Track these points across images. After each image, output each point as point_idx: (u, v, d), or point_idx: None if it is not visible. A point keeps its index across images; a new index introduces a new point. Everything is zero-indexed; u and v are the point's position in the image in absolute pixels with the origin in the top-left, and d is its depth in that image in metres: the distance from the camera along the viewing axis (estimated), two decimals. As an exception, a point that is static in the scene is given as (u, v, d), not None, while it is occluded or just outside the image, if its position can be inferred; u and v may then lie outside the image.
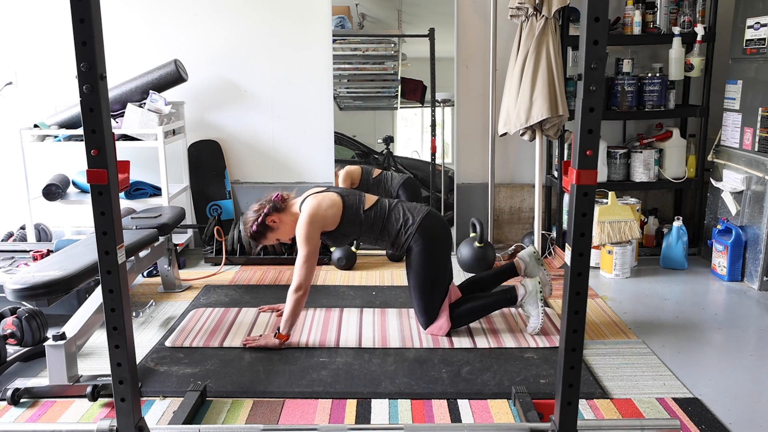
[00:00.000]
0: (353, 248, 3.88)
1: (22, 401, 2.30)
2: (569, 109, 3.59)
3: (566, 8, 3.69)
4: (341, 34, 4.08)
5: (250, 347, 2.70)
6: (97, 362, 2.61)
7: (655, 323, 2.98)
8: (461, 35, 4.07)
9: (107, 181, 1.64)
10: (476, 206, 4.22)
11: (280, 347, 2.69)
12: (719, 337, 2.83)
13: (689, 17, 3.73)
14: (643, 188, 3.97)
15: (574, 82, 3.74)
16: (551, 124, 3.55)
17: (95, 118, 1.60)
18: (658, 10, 3.78)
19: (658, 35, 3.79)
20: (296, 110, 4.19)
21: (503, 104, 3.69)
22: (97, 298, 2.59)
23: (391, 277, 3.67)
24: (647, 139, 3.95)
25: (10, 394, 2.27)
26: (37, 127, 3.83)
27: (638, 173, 3.87)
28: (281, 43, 4.11)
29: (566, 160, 1.80)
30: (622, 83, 3.77)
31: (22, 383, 2.35)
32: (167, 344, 2.74)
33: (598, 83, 1.59)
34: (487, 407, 2.24)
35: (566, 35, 3.74)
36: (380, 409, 2.24)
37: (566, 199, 3.66)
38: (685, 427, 2.10)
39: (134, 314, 3.09)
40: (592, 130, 1.62)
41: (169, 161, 3.91)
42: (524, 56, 3.50)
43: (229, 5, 4.07)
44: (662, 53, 3.89)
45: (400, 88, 4.16)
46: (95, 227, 1.67)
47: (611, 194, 3.61)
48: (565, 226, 3.82)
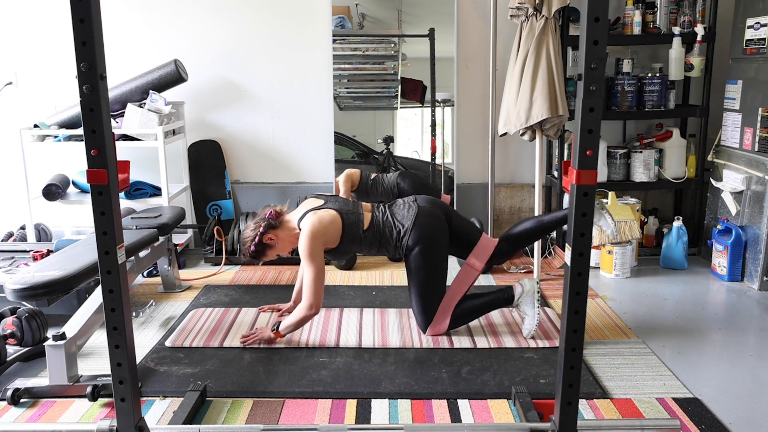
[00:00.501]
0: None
1: (22, 401, 2.30)
2: (569, 109, 3.58)
3: (566, 8, 3.69)
4: (341, 34, 4.08)
5: (249, 346, 2.70)
6: (97, 362, 2.61)
7: (655, 323, 2.98)
8: (461, 35, 4.07)
9: (107, 181, 1.64)
10: (476, 206, 4.22)
11: (273, 343, 2.70)
12: (719, 337, 2.83)
13: (689, 17, 3.73)
14: (643, 188, 3.97)
15: (574, 82, 3.74)
16: (551, 124, 3.55)
17: (95, 118, 1.60)
18: (658, 10, 3.78)
19: (658, 35, 3.79)
20: (296, 110, 4.19)
21: (503, 104, 3.69)
22: (97, 298, 2.59)
23: (391, 277, 3.67)
24: (647, 139, 3.95)
25: (10, 394, 2.27)
26: (37, 127, 3.83)
27: (638, 173, 3.88)
28: (281, 43, 4.11)
29: (566, 160, 1.80)
30: (622, 83, 3.77)
31: (22, 383, 2.35)
32: (167, 344, 2.74)
33: (598, 83, 1.59)
34: (487, 407, 2.24)
35: (566, 35, 3.74)
36: (380, 409, 2.24)
37: (566, 198, 3.66)
38: (685, 427, 2.10)
39: (134, 314, 3.09)
40: (592, 130, 1.62)
41: (169, 161, 3.91)
42: (524, 56, 3.50)
43: (229, 5, 4.07)
44: (662, 53, 3.89)
45: (400, 88, 4.16)
46: (95, 227, 1.67)
47: (611, 194, 3.61)
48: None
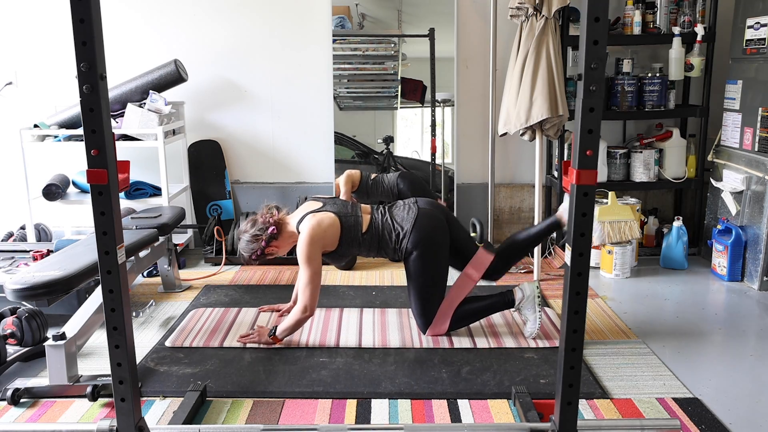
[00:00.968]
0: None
1: (22, 401, 2.30)
2: (569, 109, 3.58)
3: (566, 8, 3.69)
4: (341, 34, 4.08)
5: (249, 346, 2.70)
6: (97, 362, 2.61)
7: (655, 323, 2.98)
8: (461, 35, 4.07)
9: (107, 181, 1.64)
10: (476, 206, 4.22)
11: (271, 346, 2.71)
12: (719, 337, 2.83)
13: (689, 17, 3.73)
14: (643, 188, 3.96)
15: (574, 82, 3.74)
16: (551, 124, 3.55)
17: (95, 118, 1.60)
18: (658, 10, 3.78)
19: (658, 35, 3.79)
20: (296, 110, 4.19)
21: (503, 104, 3.68)
22: (97, 298, 2.59)
23: (391, 277, 3.67)
24: (647, 139, 3.95)
25: (10, 394, 2.27)
26: (37, 127, 3.83)
27: (638, 173, 3.87)
28: (281, 43, 4.11)
29: (566, 160, 1.80)
30: (622, 83, 3.77)
31: (22, 383, 2.35)
32: (167, 344, 2.74)
33: (598, 83, 1.59)
34: (487, 407, 2.24)
35: (566, 35, 3.74)
36: (380, 409, 2.24)
37: (566, 198, 3.66)
38: (685, 427, 2.10)
39: (134, 314, 3.09)
40: (592, 130, 1.62)
41: (169, 161, 3.91)
42: (524, 56, 3.50)
43: (229, 5, 4.07)
44: (662, 53, 3.89)
45: (400, 88, 4.16)
46: (95, 227, 1.67)
47: (611, 194, 3.60)
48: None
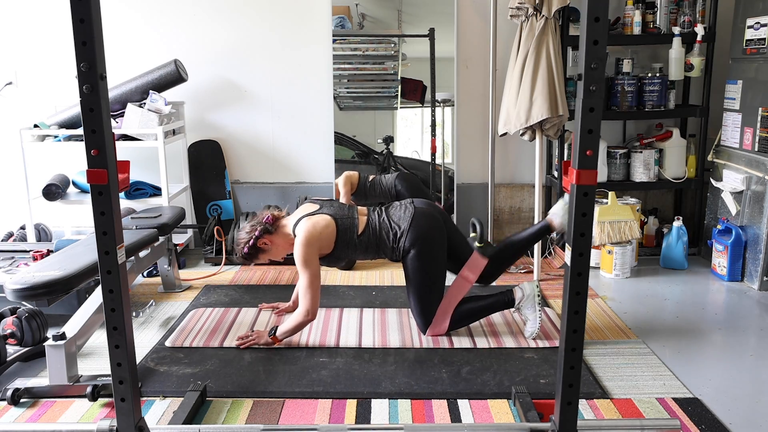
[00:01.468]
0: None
1: (22, 401, 2.30)
2: (569, 109, 3.58)
3: (566, 8, 3.69)
4: (341, 34, 4.08)
5: (248, 346, 2.70)
6: (97, 362, 2.61)
7: (655, 323, 2.98)
8: (461, 35, 4.07)
9: (107, 181, 1.64)
10: (476, 206, 4.22)
11: (270, 346, 2.70)
12: (719, 337, 2.83)
13: (689, 17, 3.73)
14: (643, 188, 3.96)
15: (574, 82, 3.74)
16: (551, 124, 3.55)
17: (95, 118, 1.60)
18: (658, 10, 3.78)
19: (658, 35, 3.79)
20: (296, 110, 4.19)
21: (503, 104, 3.68)
22: (97, 298, 2.59)
23: (391, 277, 3.67)
24: (647, 139, 3.95)
25: (10, 394, 2.27)
26: (37, 127, 3.83)
27: (638, 173, 3.87)
28: (281, 43, 4.11)
29: (566, 160, 1.80)
30: (622, 83, 3.77)
31: (22, 383, 2.35)
32: (167, 344, 2.74)
33: (598, 83, 1.59)
34: (487, 407, 2.24)
35: (566, 35, 3.74)
36: (380, 409, 2.24)
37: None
38: (685, 427, 2.10)
39: (134, 314, 3.09)
40: (592, 130, 1.62)
41: (169, 161, 3.91)
42: (524, 56, 3.50)
43: (229, 5, 4.07)
44: (662, 53, 3.89)
45: (400, 88, 4.16)
46: (95, 227, 1.67)
47: (611, 194, 3.60)
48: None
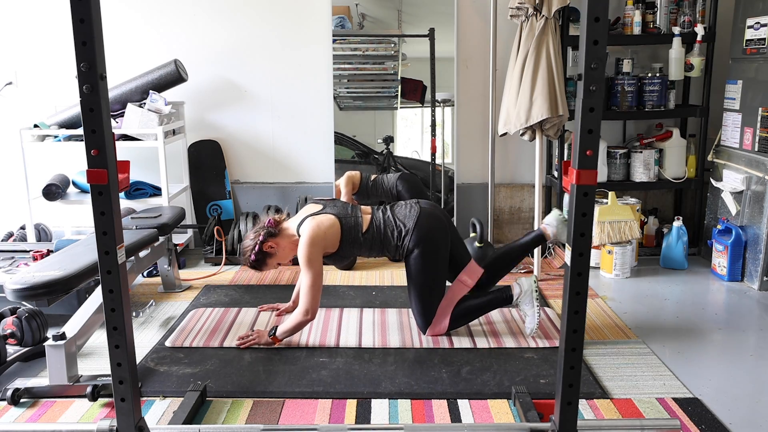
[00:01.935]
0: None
1: (22, 401, 2.30)
2: (569, 109, 3.58)
3: (566, 8, 3.69)
4: (341, 34, 4.08)
5: (249, 346, 2.70)
6: (97, 362, 2.61)
7: (655, 323, 2.98)
8: (461, 35, 4.07)
9: (107, 181, 1.64)
10: (476, 206, 4.22)
11: (270, 346, 2.70)
12: (719, 337, 2.83)
13: (689, 17, 3.73)
14: (643, 188, 3.96)
15: (574, 82, 3.74)
16: (551, 124, 3.55)
17: (95, 118, 1.60)
18: (658, 10, 3.78)
19: (658, 35, 3.79)
20: (296, 110, 4.19)
21: (503, 104, 3.69)
22: (97, 298, 2.59)
23: (391, 277, 3.67)
24: (647, 139, 3.95)
25: (10, 394, 2.27)
26: (37, 127, 3.83)
27: (638, 173, 3.87)
28: (281, 43, 4.11)
29: (566, 160, 1.80)
30: (622, 83, 3.77)
31: (22, 383, 2.35)
32: (167, 344, 2.74)
33: (598, 83, 1.59)
34: (487, 407, 2.24)
35: (566, 35, 3.74)
36: (380, 409, 2.24)
37: (566, 199, 3.66)
38: (685, 427, 2.10)
39: (134, 314, 3.09)
40: (592, 130, 1.62)
41: (169, 161, 3.91)
42: (524, 56, 3.50)
43: (229, 5, 4.07)
44: (662, 53, 3.89)
45: (400, 88, 4.16)
46: (95, 227, 1.67)
47: (611, 194, 3.61)
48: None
